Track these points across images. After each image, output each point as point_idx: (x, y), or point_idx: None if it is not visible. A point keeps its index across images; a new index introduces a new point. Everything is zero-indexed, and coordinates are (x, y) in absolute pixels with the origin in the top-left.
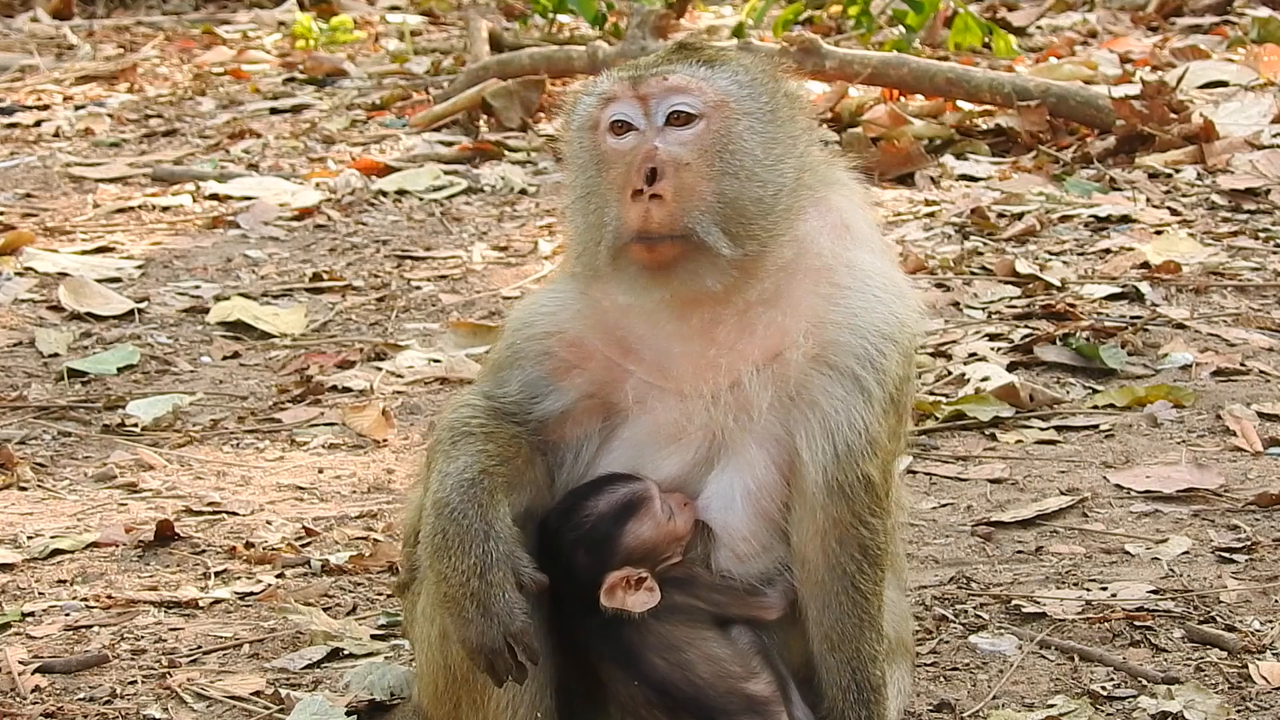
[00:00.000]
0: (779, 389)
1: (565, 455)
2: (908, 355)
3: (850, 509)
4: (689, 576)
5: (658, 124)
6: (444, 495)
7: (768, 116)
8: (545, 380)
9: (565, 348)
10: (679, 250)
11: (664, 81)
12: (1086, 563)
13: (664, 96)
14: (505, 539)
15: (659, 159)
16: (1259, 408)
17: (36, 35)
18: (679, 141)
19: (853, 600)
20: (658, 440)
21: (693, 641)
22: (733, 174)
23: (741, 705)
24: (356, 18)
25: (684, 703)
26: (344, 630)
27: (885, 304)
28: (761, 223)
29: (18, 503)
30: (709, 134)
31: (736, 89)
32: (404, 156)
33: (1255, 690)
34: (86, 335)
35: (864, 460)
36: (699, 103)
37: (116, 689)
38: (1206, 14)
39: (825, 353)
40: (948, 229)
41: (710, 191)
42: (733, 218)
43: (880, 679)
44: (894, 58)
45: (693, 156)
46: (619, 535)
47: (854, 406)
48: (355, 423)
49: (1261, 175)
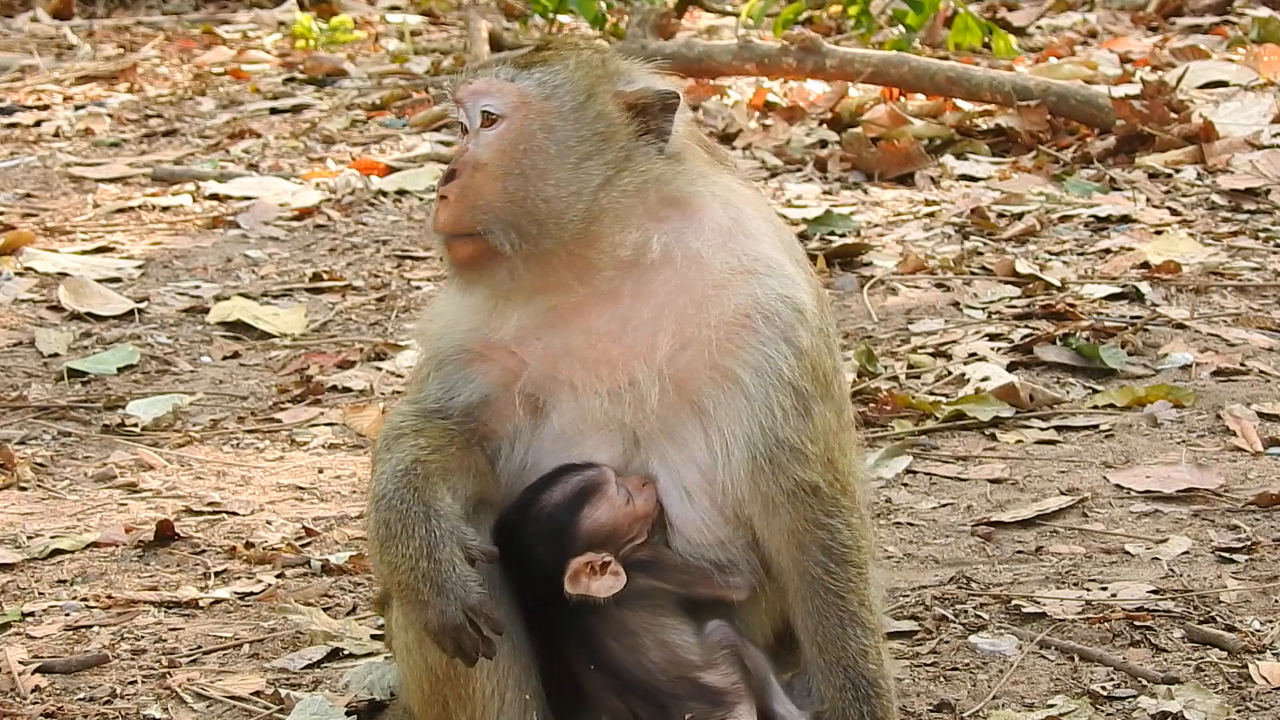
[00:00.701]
0: (672, 390)
1: (501, 446)
2: (806, 351)
3: (801, 515)
4: (654, 558)
5: (474, 125)
6: (380, 488)
7: (571, 116)
8: (459, 373)
9: (472, 340)
10: (472, 248)
11: (469, 85)
12: (1086, 563)
13: (472, 99)
14: (446, 516)
15: (462, 160)
16: (1259, 408)
17: (36, 35)
18: (484, 142)
19: (828, 602)
20: (582, 431)
21: (649, 628)
22: (520, 173)
23: (692, 693)
24: (356, 18)
25: (633, 686)
26: (344, 630)
27: (767, 296)
28: (554, 221)
29: (18, 503)
30: (509, 134)
31: (539, 90)
32: (404, 156)
33: (1255, 690)
34: (86, 335)
35: (792, 467)
36: (501, 104)
37: (116, 689)
38: (1206, 14)
39: (708, 359)
40: (948, 229)
41: (497, 190)
42: (520, 215)
43: (875, 672)
44: (894, 57)
45: (490, 156)
46: (577, 522)
47: (755, 418)
48: (355, 423)
49: (1261, 175)
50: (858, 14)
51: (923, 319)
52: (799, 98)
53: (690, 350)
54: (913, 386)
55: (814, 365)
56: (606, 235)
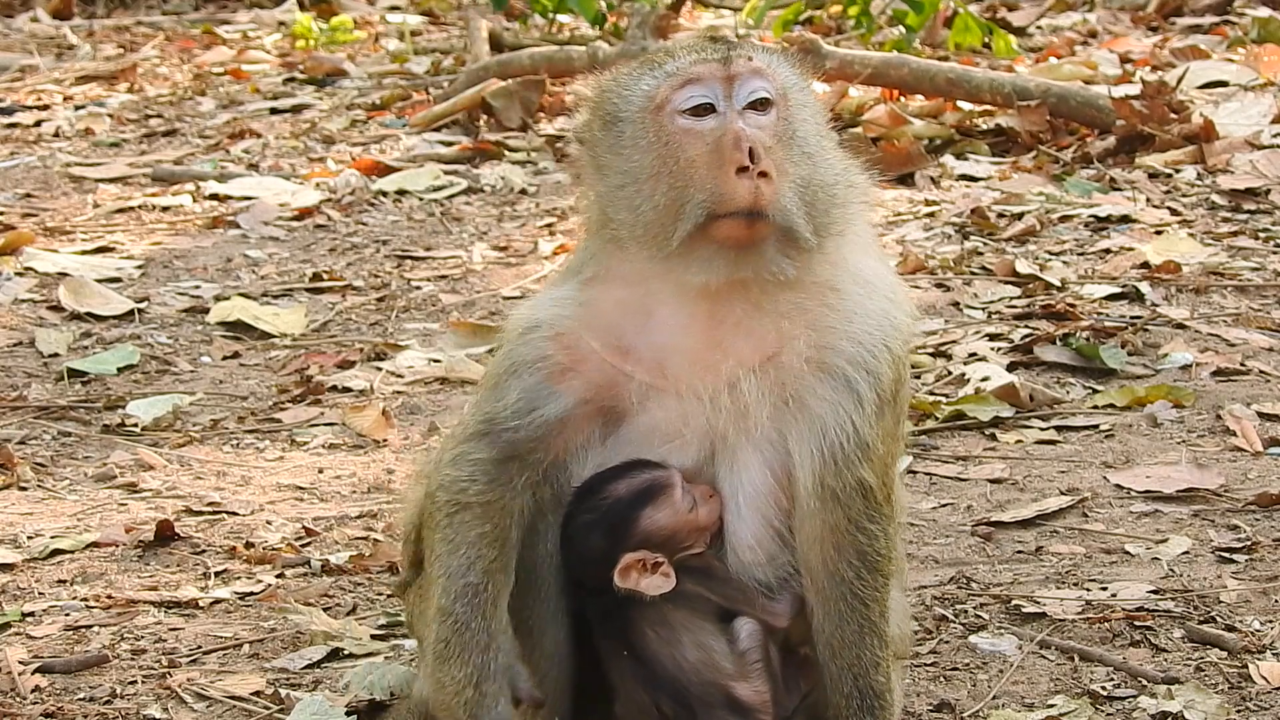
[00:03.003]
0: (775, 393)
1: (570, 467)
2: (901, 358)
3: (846, 515)
4: (705, 567)
5: (738, 106)
6: (447, 602)
7: (815, 110)
8: (543, 386)
9: (561, 350)
10: (768, 230)
11: (749, 63)
12: (1086, 563)
13: (748, 78)
14: (505, 651)
15: (754, 139)
16: (1259, 408)
17: (36, 35)
18: (758, 125)
19: (851, 607)
20: (654, 442)
21: (689, 627)
22: (805, 160)
23: (721, 701)
24: (356, 18)
25: (663, 681)
26: (344, 630)
27: (879, 307)
28: (832, 212)
29: (18, 503)
30: (780, 121)
31: (796, 80)
32: (404, 156)
33: (1255, 690)
34: (86, 335)
35: (857, 465)
36: (773, 89)
37: (116, 689)
38: (1206, 14)
39: (820, 356)
40: (948, 229)
41: (796, 175)
42: (812, 204)
43: (884, 685)
44: (894, 58)
45: (773, 141)
46: (635, 519)
47: (845, 410)
48: (355, 423)
49: (1261, 175)
50: (858, 14)
51: (923, 319)
52: None
53: (794, 355)
54: (913, 386)
55: (896, 376)
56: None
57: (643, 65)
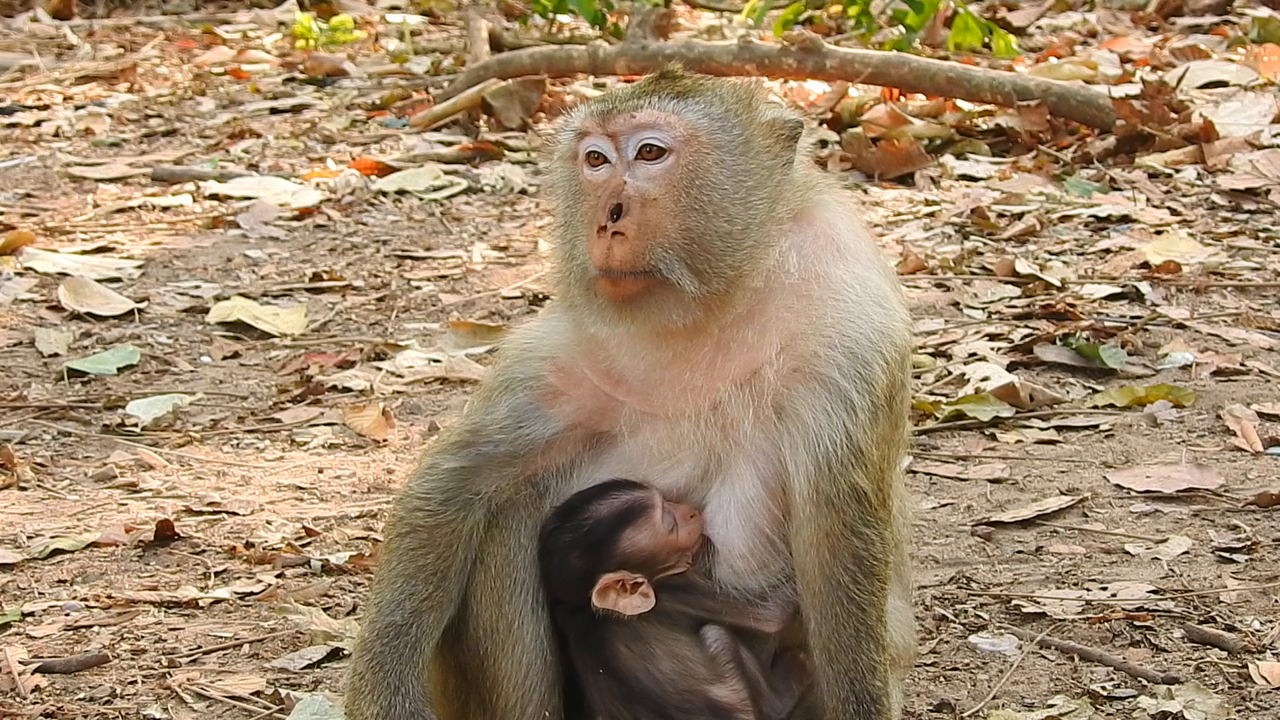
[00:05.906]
0: (759, 405)
1: (550, 482)
2: (894, 361)
3: (841, 520)
4: (685, 584)
5: (628, 158)
6: (370, 638)
7: (740, 149)
8: (533, 406)
9: (555, 374)
10: (642, 285)
11: (632, 119)
12: (1086, 563)
13: (632, 133)
14: (413, 697)
15: (625, 195)
16: (1259, 408)
17: (36, 35)
18: (648, 176)
19: (848, 611)
20: (649, 460)
21: (661, 638)
22: (699, 209)
23: (701, 707)
24: (356, 18)
25: (640, 695)
26: (344, 630)
27: (869, 313)
28: (729, 259)
29: (18, 503)
30: (678, 169)
31: (708, 122)
32: (404, 156)
33: (1255, 690)
34: (86, 335)
35: (851, 470)
36: (668, 137)
37: (116, 689)
38: (1206, 14)
39: (804, 365)
40: (948, 229)
41: (676, 228)
42: (699, 254)
43: (880, 690)
44: (894, 57)
45: (660, 191)
46: (614, 541)
47: (836, 417)
48: (355, 423)
49: (1261, 175)
50: (858, 14)
51: (923, 319)
52: (799, 98)
53: (772, 368)
54: (913, 386)
55: (890, 382)
56: (760, 268)
57: (580, 108)
